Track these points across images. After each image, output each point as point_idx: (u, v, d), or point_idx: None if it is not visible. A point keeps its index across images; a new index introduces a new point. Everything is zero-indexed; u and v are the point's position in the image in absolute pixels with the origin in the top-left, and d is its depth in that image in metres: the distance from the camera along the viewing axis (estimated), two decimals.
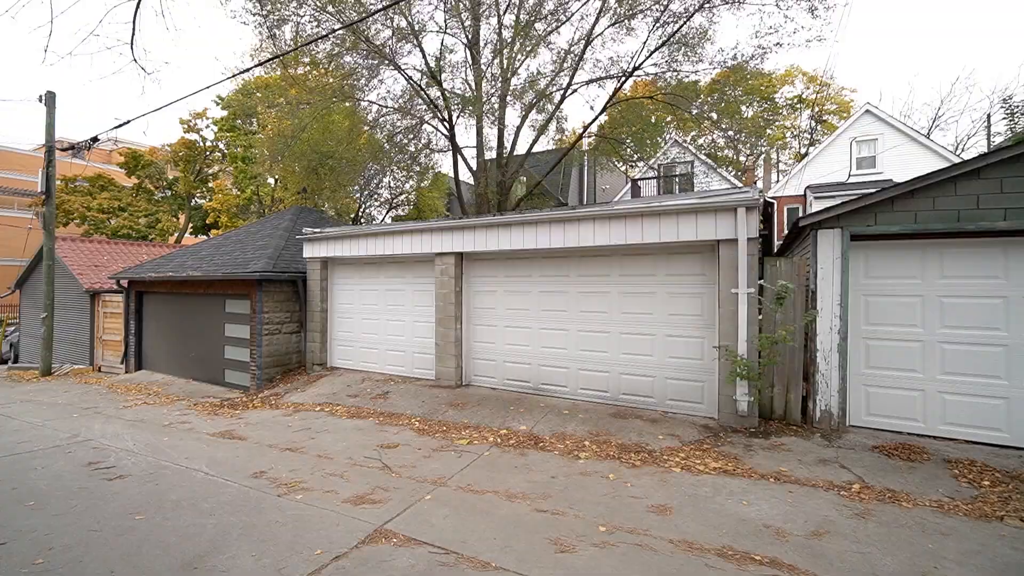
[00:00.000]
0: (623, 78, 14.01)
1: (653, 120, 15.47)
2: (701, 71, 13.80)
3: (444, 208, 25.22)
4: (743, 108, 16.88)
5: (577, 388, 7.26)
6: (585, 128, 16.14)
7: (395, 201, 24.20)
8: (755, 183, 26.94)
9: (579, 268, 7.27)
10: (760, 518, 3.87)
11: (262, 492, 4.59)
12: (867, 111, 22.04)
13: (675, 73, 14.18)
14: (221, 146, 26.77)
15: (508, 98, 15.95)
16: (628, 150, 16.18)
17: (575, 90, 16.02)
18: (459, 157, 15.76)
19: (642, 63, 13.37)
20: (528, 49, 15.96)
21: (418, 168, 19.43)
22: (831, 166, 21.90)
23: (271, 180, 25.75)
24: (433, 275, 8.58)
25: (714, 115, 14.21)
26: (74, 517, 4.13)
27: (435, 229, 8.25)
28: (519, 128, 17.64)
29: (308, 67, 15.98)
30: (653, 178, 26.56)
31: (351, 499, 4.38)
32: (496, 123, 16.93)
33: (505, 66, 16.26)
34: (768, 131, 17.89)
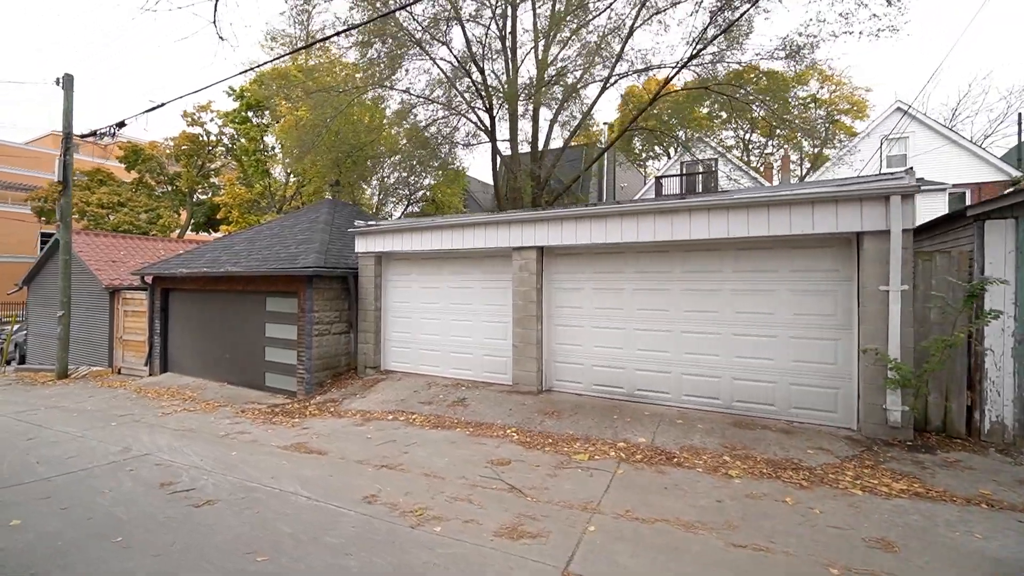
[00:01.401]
0: (677, 68, 13.41)
1: (705, 110, 14.92)
2: (751, 60, 13.29)
3: (462, 206, 24.50)
4: (773, 103, 16.59)
5: (681, 395, 6.62)
6: (634, 118, 15.53)
7: (412, 198, 23.41)
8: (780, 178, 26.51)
9: (684, 264, 6.63)
10: (1015, 557, 3.24)
11: (389, 522, 3.88)
12: (897, 108, 21.70)
13: (726, 64, 13.68)
14: (225, 140, 25.81)
15: (544, 90, 15.35)
16: (676, 140, 15.70)
17: (615, 81, 15.46)
18: (496, 148, 15.07)
19: (699, 52, 12.78)
20: (567, 36, 15.34)
21: (436, 164, 18.68)
22: (857, 165, 21.53)
23: (279, 174, 24.91)
24: (507, 271, 7.90)
25: (774, 105, 13.66)
26: (178, 558, 3.40)
27: (513, 221, 7.56)
28: (552, 121, 17.05)
29: (339, 54, 15.22)
30: (676, 175, 26.07)
31: (501, 531, 3.69)
32: (531, 114, 16.33)
33: (540, 57, 15.66)
34: (824, 125, 17.36)
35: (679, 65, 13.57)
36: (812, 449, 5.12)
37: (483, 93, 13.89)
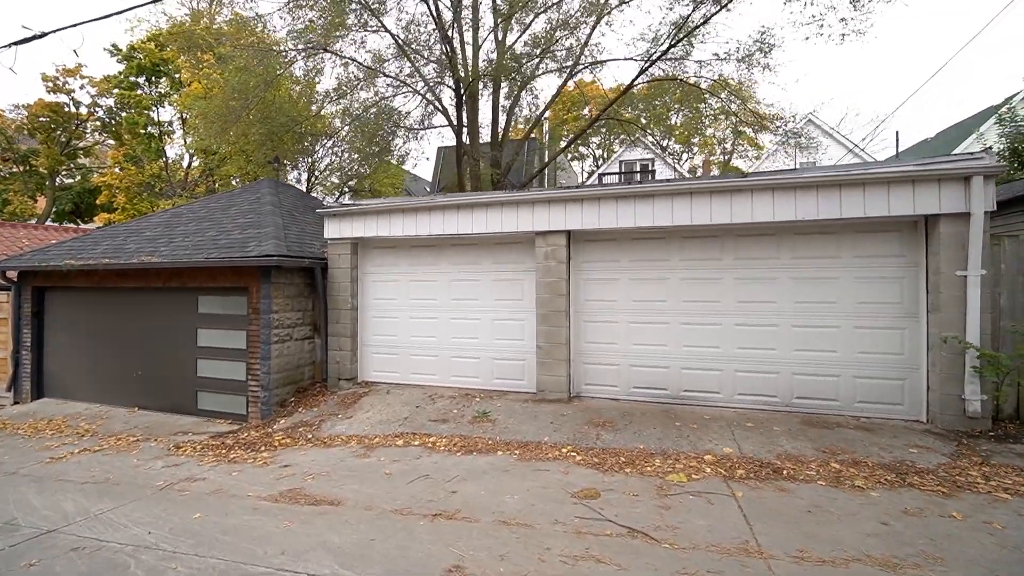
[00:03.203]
0: (650, 62, 13.13)
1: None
2: (713, 60, 13.43)
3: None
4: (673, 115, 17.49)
5: (734, 394, 6.01)
6: (603, 109, 15.03)
7: (346, 187, 21.06)
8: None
9: (736, 250, 6.03)
10: None
11: None
12: (809, 120, 23.74)
13: (697, 64, 13.69)
14: (101, 113, 21.26)
15: (510, 75, 14.34)
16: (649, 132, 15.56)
17: (580, 71, 14.91)
18: (460, 132, 13.72)
19: (671, 47, 12.60)
20: (529, 21, 14.45)
21: (377, 149, 16.87)
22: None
23: (178, 154, 21.01)
24: (524, 260, 6.78)
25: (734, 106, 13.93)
26: None
27: (538, 201, 6.46)
28: (511, 109, 16.10)
29: (251, 17, 12.82)
30: (615, 173, 26.49)
31: None
32: (491, 101, 15.22)
33: (500, 39, 14.65)
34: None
35: (650, 61, 13.36)
36: (911, 448, 4.70)
37: (450, 68, 12.47)
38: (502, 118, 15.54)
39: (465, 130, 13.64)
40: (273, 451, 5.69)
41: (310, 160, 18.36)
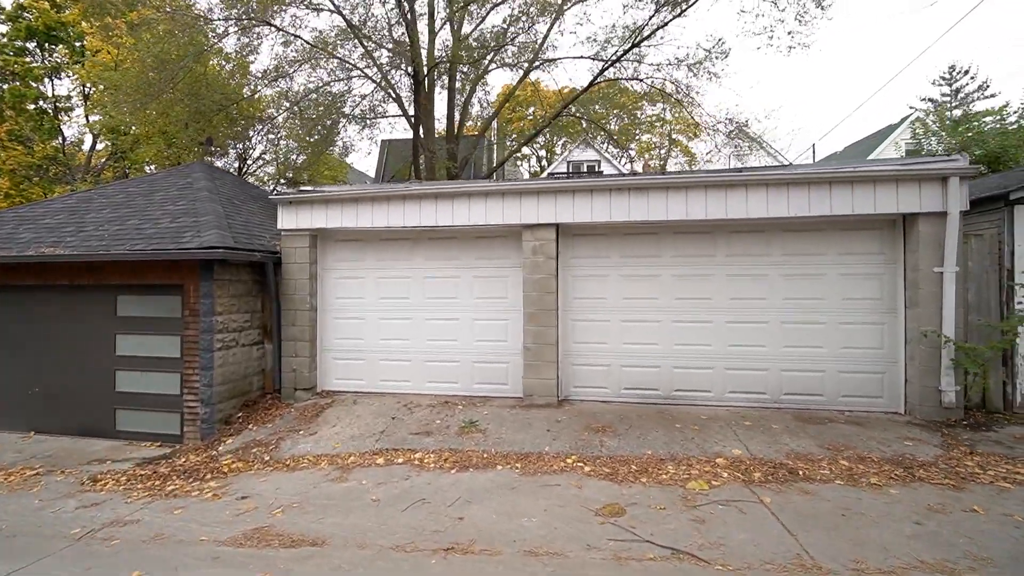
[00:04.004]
0: (610, 62, 13.15)
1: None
2: (668, 64, 13.73)
3: None
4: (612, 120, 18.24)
5: (725, 392, 5.93)
6: (566, 105, 14.85)
7: (283, 177, 19.41)
8: None
9: (728, 246, 5.95)
10: None
11: None
12: (741, 129, 25.20)
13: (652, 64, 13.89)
14: None
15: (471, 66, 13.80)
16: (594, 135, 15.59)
17: (538, 66, 14.66)
18: (417, 124, 12.94)
19: (633, 47, 12.71)
20: (486, 13, 13.99)
21: (317, 137, 15.73)
22: None
23: (84, 132, 18.21)
24: (509, 255, 6.32)
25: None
26: None
27: (525, 191, 6.02)
28: (467, 102, 15.55)
29: None
30: (563, 174, 26.68)
31: None
32: (447, 93, 14.55)
33: (455, 28, 14.13)
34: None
35: (609, 62, 13.42)
36: (905, 440, 4.80)
37: (409, 53, 11.67)
38: (457, 112, 14.94)
39: (418, 123, 12.86)
40: (223, 479, 4.79)
41: (241, 147, 16.65)
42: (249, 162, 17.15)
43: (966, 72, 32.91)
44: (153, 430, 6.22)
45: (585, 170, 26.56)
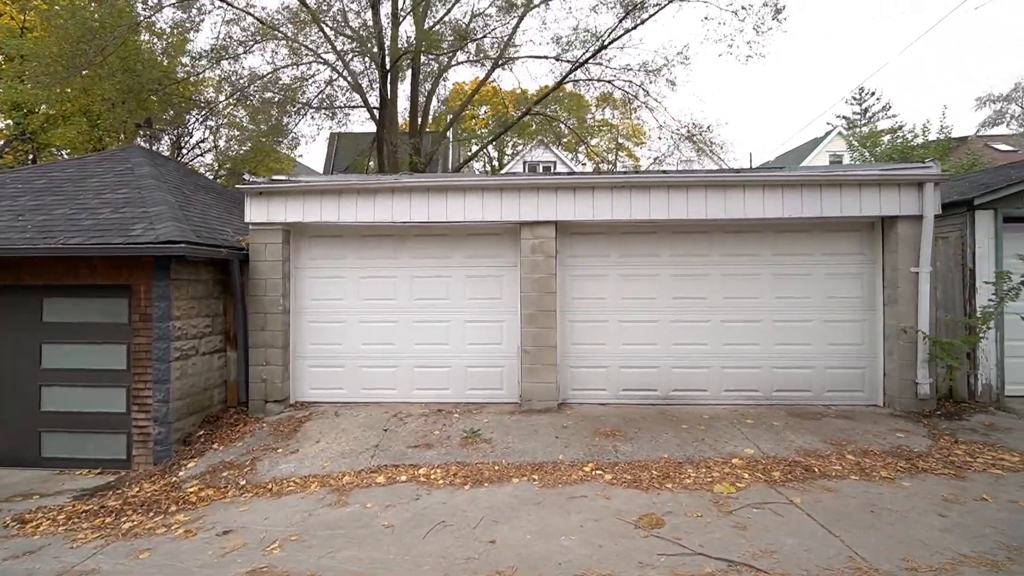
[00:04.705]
0: (576, 64, 13.16)
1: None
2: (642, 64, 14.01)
3: None
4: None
5: (720, 391, 5.99)
6: (537, 102, 14.68)
7: (223, 168, 17.84)
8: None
9: (723, 246, 6.01)
10: None
11: None
12: (689, 136, 26.28)
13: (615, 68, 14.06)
14: None
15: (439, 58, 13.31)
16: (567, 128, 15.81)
17: (504, 63, 14.43)
18: (382, 115, 12.26)
19: (599, 50, 12.82)
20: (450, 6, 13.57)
21: (265, 127, 14.70)
22: None
23: None
24: (504, 254, 6.04)
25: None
26: None
27: (524, 187, 5.75)
28: (430, 96, 15.06)
29: None
30: (521, 175, 26.60)
31: None
32: (410, 88, 13.94)
33: (418, 15, 13.59)
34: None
35: (577, 64, 13.46)
36: (896, 432, 5.03)
37: (374, 39, 10.99)
38: (421, 106, 14.36)
39: (382, 115, 12.22)
40: (192, 510, 4.12)
41: (176, 133, 15.06)
42: (185, 151, 15.54)
43: (872, 94, 36.59)
44: (91, 455, 5.32)
45: (541, 170, 26.67)
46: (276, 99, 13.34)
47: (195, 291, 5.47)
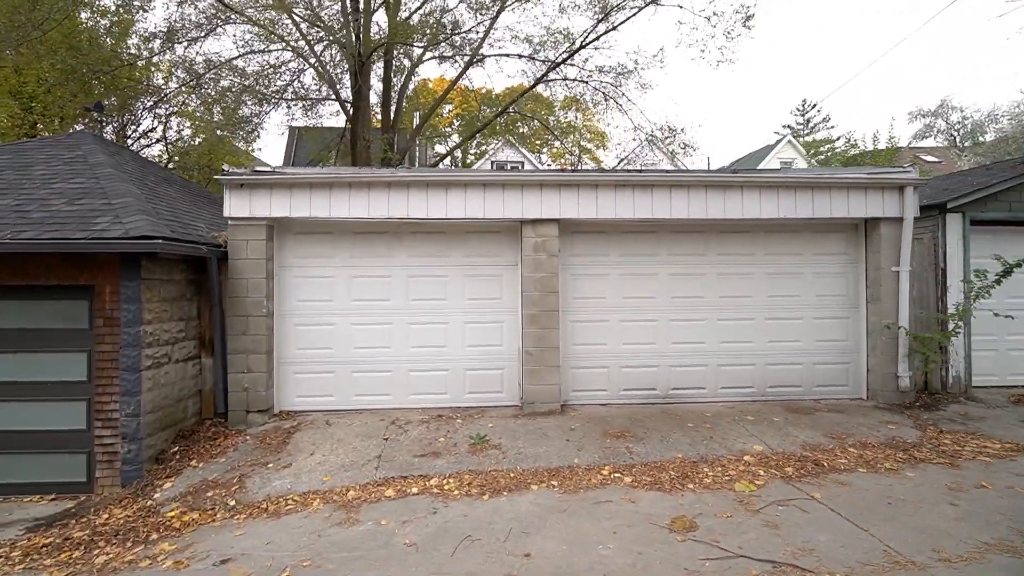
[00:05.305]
0: (552, 65, 13.15)
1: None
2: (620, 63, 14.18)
3: None
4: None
5: (717, 388, 6.07)
6: (512, 101, 14.50)
7: (171, 160, 16.60)
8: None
9: (719, 246, 6.10)
10: None
11: None
12: (648, 140, 27.09)
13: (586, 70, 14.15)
14: None
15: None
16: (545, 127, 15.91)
17: (480, 60, 14.22)
18: (356, 107, 11.73)
19: (575, 52, 12.86)
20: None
21: (223, 120, 13.90)
22: None
23: None
24: (504, 252, 5.87)
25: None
26: None
27: (527, 183, 5.60)
28: (402, 91, 14.61)
29: None
30: None
31: None
32: (382, 83, 13.45)
33: (392, 11, 13.17)
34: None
35: (553, 64, 13.47)
36: (886, 424, 5.26)
37: (350, 27, 10.48)
38: (394, 101, 13.88)
39: (356, 109, 11.72)
40: (177, 537, 3.69)
41: (121, 121, 13.84)
42: (130, 140, 14.31)
43: (814, 106, 39.07)
44: (43, 479, 4.69)
45: (510, 169, 26.60)
46: (233, 88, 12.55)
47: (168, 292, 4.95)
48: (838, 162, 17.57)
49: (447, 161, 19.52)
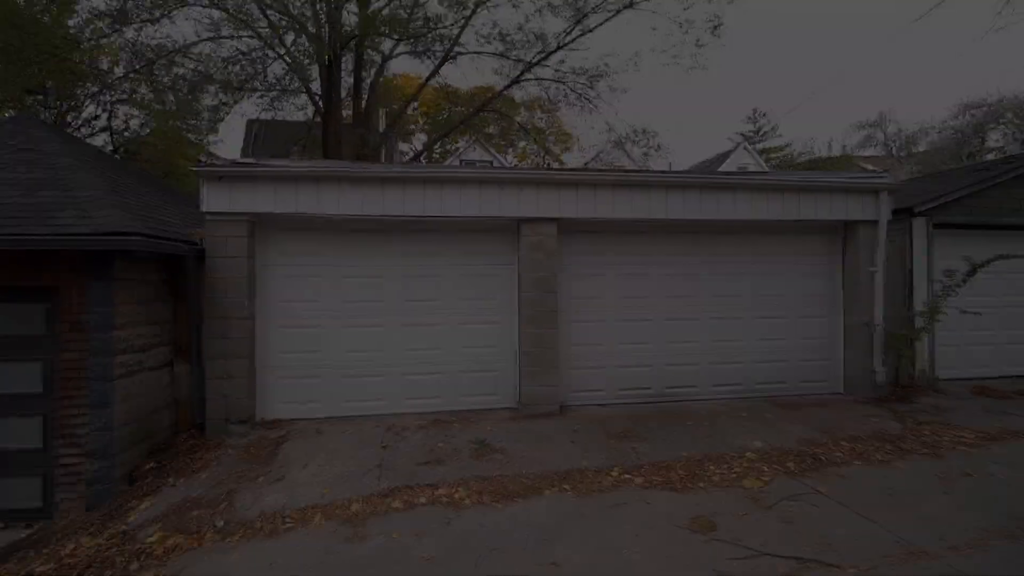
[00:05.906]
0: (528, 65, 13.11)
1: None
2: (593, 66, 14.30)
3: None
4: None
5: (709, 386, 6.19)
6: (489, 100, 14.32)
7: (118, 152, 15.43)
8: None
9: (711, 246, 6.22)
10: None
11: None
12: (616, 143, 27.61)
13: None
14: None
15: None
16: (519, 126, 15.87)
17: (454, 57, 14.00)
18: (329, 100, 11.26)
19: (550, 54, 12.90)
20: None
21: (175, 108, 13.18)
22: None
23: None
24: (502, 251, 5.76)
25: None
26: None
27: (525, 181, 5.51)
28: (373, 86, 14.20)
29: None
30: None
31: None
32: (352, 79, 13.00)
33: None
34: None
35: (529, 65, 13.45)
36: (869, 417, 5.50)
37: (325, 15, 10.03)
38: (365, 96, 13.44)
39: (327, 102, 11.27)
40: (161, 566, 3.35)
41: (61, 107, 12.72)
42: (71, 129, 13.16)
43: (764, 115, 41.08)
44: None
45: (479, 167, 26.48)
46: (188, 77, 11.81)
47: (141, 294, 4.52)
48: (793, 168, 18.59)
49: (422, 159, 19.12)
